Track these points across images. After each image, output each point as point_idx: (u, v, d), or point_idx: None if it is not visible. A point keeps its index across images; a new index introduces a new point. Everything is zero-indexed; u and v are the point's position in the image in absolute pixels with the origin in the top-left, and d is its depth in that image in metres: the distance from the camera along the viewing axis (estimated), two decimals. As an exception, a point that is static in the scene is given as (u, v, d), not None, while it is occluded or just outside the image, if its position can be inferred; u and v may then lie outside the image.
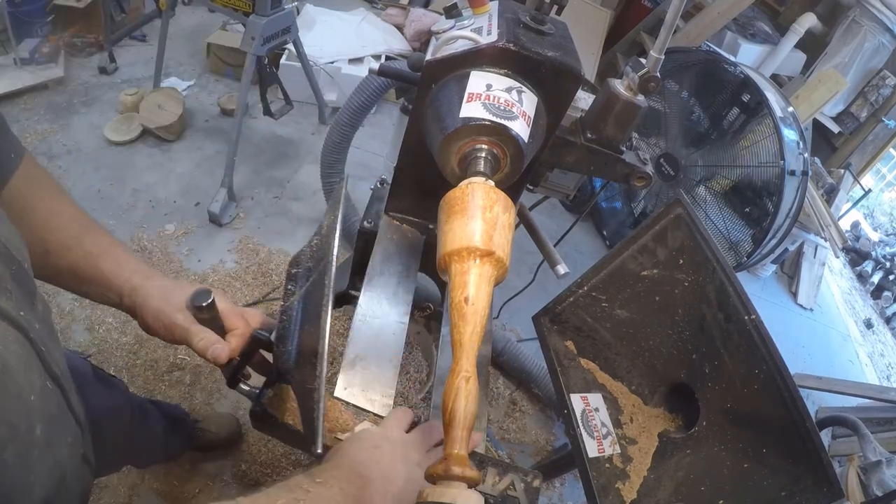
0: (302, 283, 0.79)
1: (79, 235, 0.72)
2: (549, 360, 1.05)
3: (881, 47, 3.61)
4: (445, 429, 0.57)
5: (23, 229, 0.54)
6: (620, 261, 1.03)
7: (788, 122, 2.42)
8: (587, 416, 0.97)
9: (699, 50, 3.10)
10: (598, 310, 1.06)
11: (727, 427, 0.87)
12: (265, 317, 0.81)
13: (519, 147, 0.81)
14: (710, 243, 0.92)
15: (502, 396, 2.14)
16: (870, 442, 1.79)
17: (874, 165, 4.40)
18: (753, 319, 0.84)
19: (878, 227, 5.30)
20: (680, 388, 0.98)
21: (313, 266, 0.76)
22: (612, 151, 1.03)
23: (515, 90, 0.84)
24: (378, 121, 3.25)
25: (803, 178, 2.43)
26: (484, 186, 0.70)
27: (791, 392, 0.78)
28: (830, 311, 3.77)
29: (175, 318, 0.73)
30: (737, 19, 3.52)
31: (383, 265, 1.06)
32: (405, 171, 1.09)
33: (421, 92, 0.92)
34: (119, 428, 1.08)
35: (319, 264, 0.72)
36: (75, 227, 0.73)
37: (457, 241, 0.66)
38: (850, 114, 3.98)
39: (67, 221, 0.72)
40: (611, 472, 0.93)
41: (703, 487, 0.85)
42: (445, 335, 1.03)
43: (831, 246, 3.23)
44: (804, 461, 0.76)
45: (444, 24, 0.97)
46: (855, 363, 3.47)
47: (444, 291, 1.29)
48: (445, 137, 0.81)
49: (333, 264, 0.66)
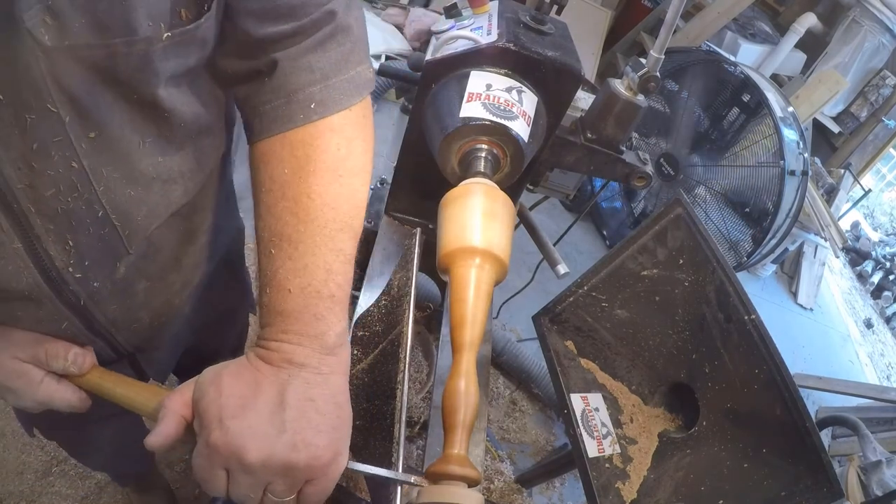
0: (369, 349, 0.75)
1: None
2: (549, 360, 1.05)
3: (881, 47, 3.61)
4: (445, 429, 0.57)
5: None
6: (620, 261, 1.03)
7: (788, 122, 2.42)
8: (587, 416, 0.97)
9: (699, 50, 3.10)
10: (598, 310, 1.06)
11: (727, 427, 0.87)
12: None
13: (519, 147, 0.81)
14: (710, 243, 0.92)
15: (502, 396, 2.14)
16: (870, 442, 1.80)
17: (874, 165, 4.41)
18: (753, 319, 0.84)
19: (878, 227, 5.30)
20: (680, 388, 0.98)
21: (382, 331, 0.73)
22: (612, 151, 1.04)
23: (515, 90, 0.84)
24: (378, 121, 3.25)
25: (803, 178, 2.43)
26: (484, 186, 0.70)
27: (791, 392, 0.78)
28: (830, 311, 3.77)
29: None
30: (737, 19, 3.52)
31: (383, 265, 1.06)
32: (405, 171, 1.09)
33: (421, 92, 0.92)
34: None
35: (390, 332, 0.69)
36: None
37: (457, 241, 0.66)
38: (850, 114, 3.99)
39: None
40: (611, 472, 0.93)
41: (703, 487, 0.85)
42: (445, 335, 1.03)
43: (831, 246, 3.23)
44: (804, 461, 0.76)
45: (444, 23, 0.97)
46: (855, 363, 3.47)
47: (444, 291, 1.29)
48: (445, 137, 0.81)
49: (409, 337, 0.63)
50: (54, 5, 0.36)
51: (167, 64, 0.45)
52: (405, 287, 0.69)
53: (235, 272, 0.92)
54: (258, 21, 0.50)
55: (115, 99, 0.44)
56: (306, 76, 0.54)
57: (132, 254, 0.55)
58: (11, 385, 0.54)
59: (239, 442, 0.46)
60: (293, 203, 0.53)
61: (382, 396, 0.64)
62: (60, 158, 0.43)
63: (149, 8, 0.41)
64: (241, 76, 0.55)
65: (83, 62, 0.40)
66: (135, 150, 0.48)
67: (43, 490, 1.41)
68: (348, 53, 0.55)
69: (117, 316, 0.60)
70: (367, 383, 0.73)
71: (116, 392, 0.57)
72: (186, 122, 0.52)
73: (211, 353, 1.06)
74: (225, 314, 0.97)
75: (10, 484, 1.39)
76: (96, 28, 0.39)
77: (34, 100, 0.40)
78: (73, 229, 0.48)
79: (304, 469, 0.48)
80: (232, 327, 1.09)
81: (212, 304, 0.80)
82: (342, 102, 0.55)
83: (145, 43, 0.42)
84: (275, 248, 0.53)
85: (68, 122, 0.42)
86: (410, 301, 0.66)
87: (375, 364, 0.72)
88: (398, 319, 0.68)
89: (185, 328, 0.77)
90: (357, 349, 0.75)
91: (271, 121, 0.54)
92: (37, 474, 1.42)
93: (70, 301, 0.53)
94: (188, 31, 0.45)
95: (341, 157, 0.55)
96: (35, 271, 0.48)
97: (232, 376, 0.50)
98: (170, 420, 0.50)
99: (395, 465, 0.56)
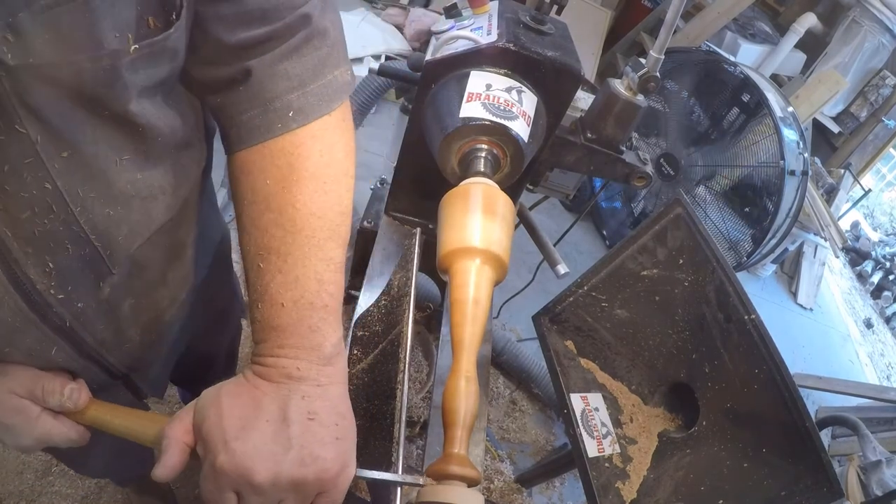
0: (369, 349, 0.75)
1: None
2: (549, 359, 1.06)
3: (881, 47, 3.61)
4: (445, 428, 0.57)
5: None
6: (620, 261, 1.03)
7: (788, 122, 2.42)
8: (587, 416, 0.97)
9: (699, 50, 3.10)
10: (598, 309, 1.06)
11: (727, 427, 0.87)
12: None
13: (519, 147, 0.81)
14: (710, 243, 0.92)
15: (502, 396, 2.14)
16: (870, 442, 1.80)
17: (874, 165, 4.40)
18: (753, 319, 0.84)
19: (878, 227, 5.30)
20: (680, 388, 0.98)
21: (382, 331, 0.73)
22: (612, 151, 1.04)
23: (515, 90, 0.84)
24: (378, 121, 3.25)
25: (803, 177, 2.43)
26: (484, 186, 0.70)
27: (791, 392, 0.78)
28: (830, 311, 3.77)
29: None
30: (737, 19, 3.52)
31: (383, 265, 1.06)
32: (405, 171, 1.09)
33: (421, 92, 0.92)
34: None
35: (390, 332, 0.69)
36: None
37: (457, 241, 0.66)
38: (850, 114, 3.98)
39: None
40: (611, 472, 0.93)
41: (702, 487, 0.85)
42: (445, 335, 1.03)
43: (831, 246, 3.23)
44: (804, 461, 0.76)
45: (444, 24, 0.97)
46: (855, 363, 3.46)
47: (444, 291, 1.29)
48: (445, 137, 0.81)
49: (409, 337, 0.63)
50: (15, 22, 0.35)
51: (137, 77, 0.44)
52: (405, 287, 0.69)
53: (223, 274, 0.90)
54: (229, 27, 0.49)
55: (87, 116, 0.43)
56: (283, 83, 0.52)
57: (115, 273, 0.54)
58: (9, 421, 0.53)
59: (246, 464, 0.45)
60: (278, 214, 0.52)
61: (382, 396, 0.64)
62: (33, 179, 0.42)
63: (114, 18, 0.39)
64: (214, 85, 0.53)
65: (49, 80, 0.39)
66: (111, 167, 0.47)
67: (43, 490, 1.41)
68: (325, 58, 0.54)
69: (106, 336, 0.59)
70: (367, 383, 0.73)
71: (115, 423, 0.56)
72: (164, 136, 0.51)
73: (206, 357, 1.05)
74: (216, 317, 0.96)
75: (10, 484, 1.39)
76: (61, 43, 0.37)
77: (1, 121, 0.38)
78: (52, 251, 0.46)
79: (314, 483, 0.48)
80: (225, 330, 1.08)
81: (202, 310, 0.79)
82: (321, 109, 0.54)
83: (111, 57, 0.40)
84: (263, 262, 0.52)
85: (39, 143, 0.41)
86: (410, 301, 0.66)
87: (375, 364, 0.72)
88: (398, 319, 0.68)
89: (176, 341, 0.76)
90: (357, 349, 0.75)
91: (249, 131, 0.53)
92: (37, 474, 1.42)
93: (56, 324, 0.51)
94: (157, 43, 0.43)
95: (324, 164, 0.54)
96: (17, 296, 0.47)
97: (231, 396, 0.50)
98: (174, 450, 0.49)
99: (395, 465, 0.56)
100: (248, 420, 0.48)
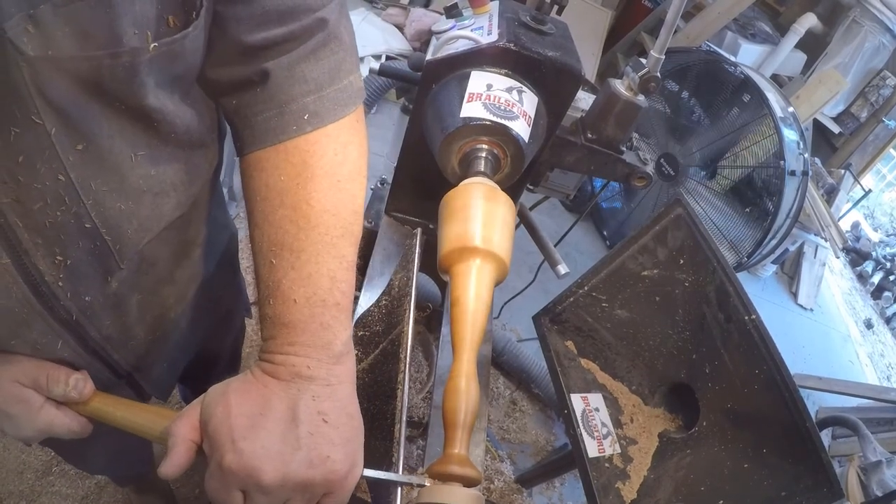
0: (370, 349, 0.74)
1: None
2: (550, 360, 1.06)
3: (881, 47, 3.60)
4: (446, 429, 0.57)
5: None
6: (620, 261, 1.03)
7: (788, 123, 2.42)
8: (587, 416, 0.98)
9: (699, 50, 3.10)
10: (598, 310, 1.06)
11: (727, 427, 0.87)
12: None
13: (519, 147, 0.81)
14: (710, 243, 0.92)
15: (502, 396, 2.14)
16: (870, 442, 1.80)
17: (874, 166, 4.40)
18: (753, 319, 0.84)
19: (879, 227, 5.30)
20: (680, 388, 0.98)
21: (383, 331, 0.73)
22: (613, 151, 1.04)
23: (516, 90, 0.84)
24: (378, 121, 3.25)
25: (803, 178, 2.43)
26: (484, 186, 0.70)
27: (791, 392, 0.78)
28: (830, 312, 3.77)
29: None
30: (737, 19, 3.52)
31: (384, 265, 1.06)
32: (405, 171, 1.09)
33: (421, 92, 0.92)
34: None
35: (391, 332, 0.69)
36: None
37: (457, 241, 0.66)
38: (851, 114, 3.98)
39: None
40: (611, 472, 0.93)
41: (703, 487, 0.85)
42: (445, 335, 1.03)
43: (831, 246, 3.23)
44: (804, 461, 0.76)
45: (444, 23, 0.97)
46: (855, 363, 3.46)
47: (444, 291, 1.29)
48: (446, 137, 0.81)
49: (410, 337, 0.62)
50: (37, 14, 0.35)
51: (155, 76, 0.44)
52: (405, 287, 0.69)
53: (230, 275, 0.91)
54: (248, 27, 0.49)
55: (103, 110, 0.43)
56: (300, 87, 0.52)
57: (124, 268, 0.54)
58: (11, 410, 0.53)
59: (254, 463, 0.45)
60: (292, 211, 0.52)
61: (383, 396, 0.64)
62: (47, 171, 0.42)
63: (135, 15, 0.39)
64: (231, 86, 0.54)
65: (67, 73, 0.39)
66: (125, 162, 0.47)
67: (43, 490, 1.41)
68: (341, 62, 0.54)
69: (112, 332, 0.59)
70: (367, 383, 0.73)
71: (118, 417, 0.56)
72: (179, 134, 0.51)
73: (209, 356, 1.05)
74: (222, 318, 0.96)
75: (10, 484, 1.39)
76: (80, 38, 0.38)
77: (18, 111, 0.38)
78: (62, 243, 0.47)
79: (322, 484, 0.48)
80: (229, 330, 1.08)
81: (208, 310, 0.79)
82: (336, 113, 0.54)
83: (131, 55, 0.40)
84: (275, 258, 0.52)
85: (54, 134, 0.41)
86: (411, 301, 0.66)
87: (376, 364, 0.72)
88: (398, 319, 0.68)
89: (182, 342, 0.76)
90: (357, 349, 0.75)
91: (264, 132, 0.53)
92: (37, 474, 1.42)
93: (62, 317, 0.52)
94: (176, 41, 0.44)
95: (338, 163, 0.54)
96: (25, 287, 0.47)
97: (238, 394, 0.49)
98: (180, 448, 0.49)
99: (396, 466, 0.56)
100: (257, 419, 0.47)
